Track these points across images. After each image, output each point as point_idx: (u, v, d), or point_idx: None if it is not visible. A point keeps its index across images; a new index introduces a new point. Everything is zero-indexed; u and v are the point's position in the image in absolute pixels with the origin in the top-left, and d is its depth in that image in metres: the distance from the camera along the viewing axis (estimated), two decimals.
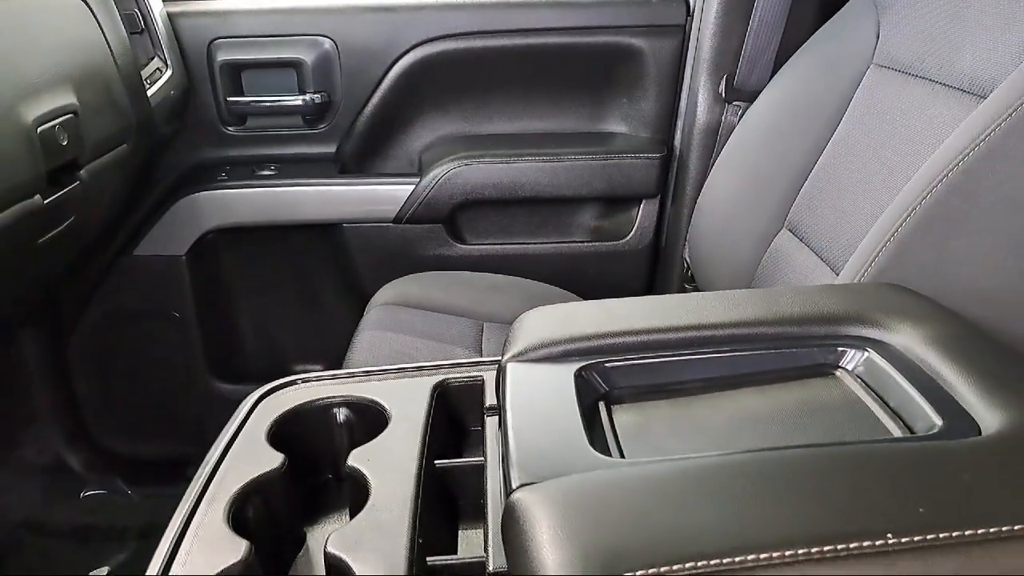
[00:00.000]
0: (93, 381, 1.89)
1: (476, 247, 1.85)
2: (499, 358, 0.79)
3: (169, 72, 1.64)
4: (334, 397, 0.86)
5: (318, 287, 1.93)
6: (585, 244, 1.84)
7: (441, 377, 0.88)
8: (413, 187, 1.80)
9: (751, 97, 1.58)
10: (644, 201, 1.84)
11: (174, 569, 0.64)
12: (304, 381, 0.89)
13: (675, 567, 0.49)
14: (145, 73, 1.55)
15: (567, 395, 0.70)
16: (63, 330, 1.83)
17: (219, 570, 0.62)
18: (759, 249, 1.35)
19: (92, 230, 1.45)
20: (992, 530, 0.50)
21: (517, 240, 1.85)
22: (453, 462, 0.78)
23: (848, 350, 0.75)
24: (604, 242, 1.84)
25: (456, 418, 0.88)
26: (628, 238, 1.82)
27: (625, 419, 0.71)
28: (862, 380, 0.72)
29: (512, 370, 0.76)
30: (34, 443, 1.83)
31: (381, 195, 1.83)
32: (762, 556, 0.49)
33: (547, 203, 1.86)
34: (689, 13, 1.77)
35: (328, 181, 1.83)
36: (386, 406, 0.83)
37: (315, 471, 0.86)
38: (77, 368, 1.86)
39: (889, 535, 0.49)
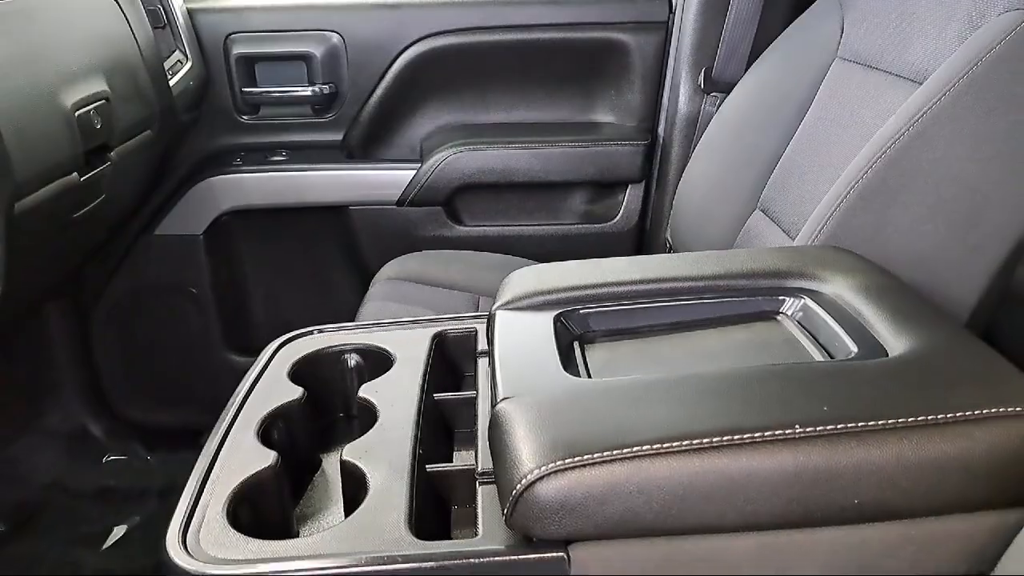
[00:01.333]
0: (114, 353, 1.94)
1: (473, 228, 1.90)
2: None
3: (189, 64, 1.72)
4: (345, 344, 0.97)
5: (325, 265, 1.98)
6: (575, 226, 1.89)
7: (439, 328, 0.99)
8: (414, 172, 1.86)
9: (727, 88, 1.64)
10: (630, 186, 1.89)
11: (213, 473, 0.75)
12: (319, 331, 1.00)
13: (625, 451, 0.60)
14: (167, 65, 1.64)
15: (546, 335, 0.82)
16: (87, 305, 1.89)
17: (251, 472, 0.74)
18: (734, 229, 1.41)
19: (119, 208, 1.54)
20: (881, 423, 0.61)
21: (511, 222, 1.90)
22: (449, 395, 0.89)
23: (788, 298, 0.86)
24: (593, 224, 1.89)
25: (452, 364, 0.99)
26: (615, 220, 1.87)
27: (595, 355, 0.83)
28: (798, 323, 0.83)
29: (500, 316, 0.87)
30: (58, 411, 1.89)
31: (385, 179, 1.88)
32: (693, 442, 0.60)
33: (539, 188, 1.90)
34: (671, 11, 1.83)
35: (335, 166, 1.89)
36: (391, 351, 0.94)
37: (329, 410, 0.96)
38: (99, 341, 1.92)
39: (797, 426, 0.61)
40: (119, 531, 1.70)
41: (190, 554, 0.64)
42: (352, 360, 0.96)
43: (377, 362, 0.93)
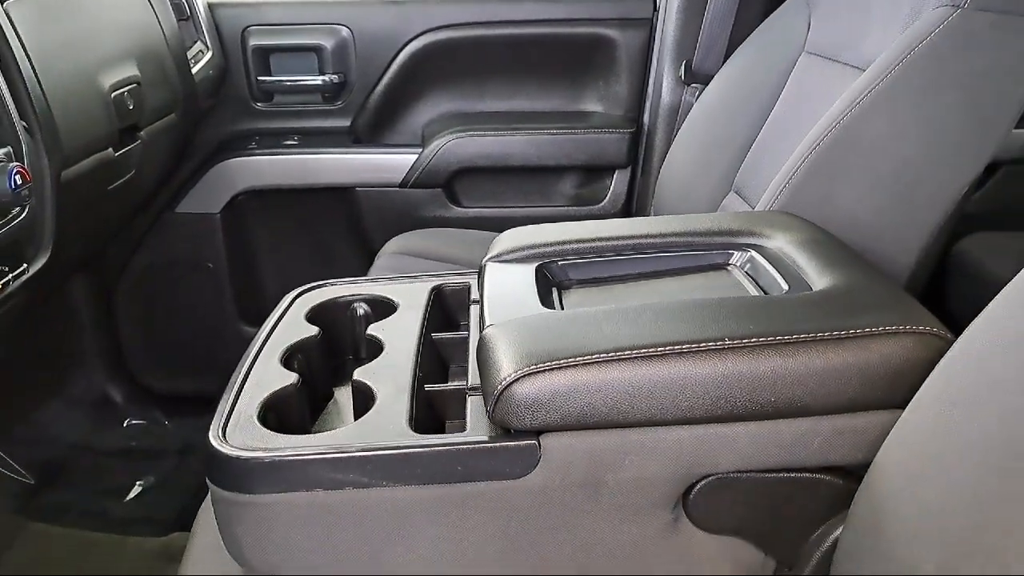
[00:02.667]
0: (135, 324, 2.01)
1: (470, 209, 1.95)
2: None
3: (209, 54, 1.82)
4: (355, 294, 1.08)
5: (333, 242, 2.04)
6: (566, 208, 1.95)
7: (438, 282, 1.11)
8: (416, 156, 1.91)
9: (706, 80, 1.71)
10: (617, 171, 1.95)
11: (244, 389, 0.87)
12: (332, 284, 1.11)
13: (585, 358, 0.73)
14: (190, 54, 1.74)
15: (528, 282, 0.94)
16: (111, 279, 1.96)
17: (276, 388, 0.87)
18: (711, 209, 1.49)
19: (146, 184, 1.64)
20: (795, 337, 0.74)
21: (506, 204, 1.96)
22: (445, 335, 1.01)
23: (737, 252, 0.99)
24: (582, 207, 1.95)
25: (449, 312, 1.10)
26: (603, 203, 1.94)
27: (570, 298, 0.96)
28: (744, 271, 0.97)
29: (490, 267, 1.00)
30: (82, 378, 1.96)
31: (389, 163, 1.94)
32: (641, 351, 0.73)
33: (533, 172, 1.96)
34: (656, 8, 1.90)
35: (343, 150, 1.95)
36: (395, 299, 1.06)
37: (341, 350, 1.07)
38: (122, 312, 1.99)
39: (726, 339, 0.74)
40: (140, 486, 1.78)
41: (228, 443, 0.77)
42: (361, 308, 1.08)
43: (382, 309, 1.05)
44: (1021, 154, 1.81)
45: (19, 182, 1.04)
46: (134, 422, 2.01)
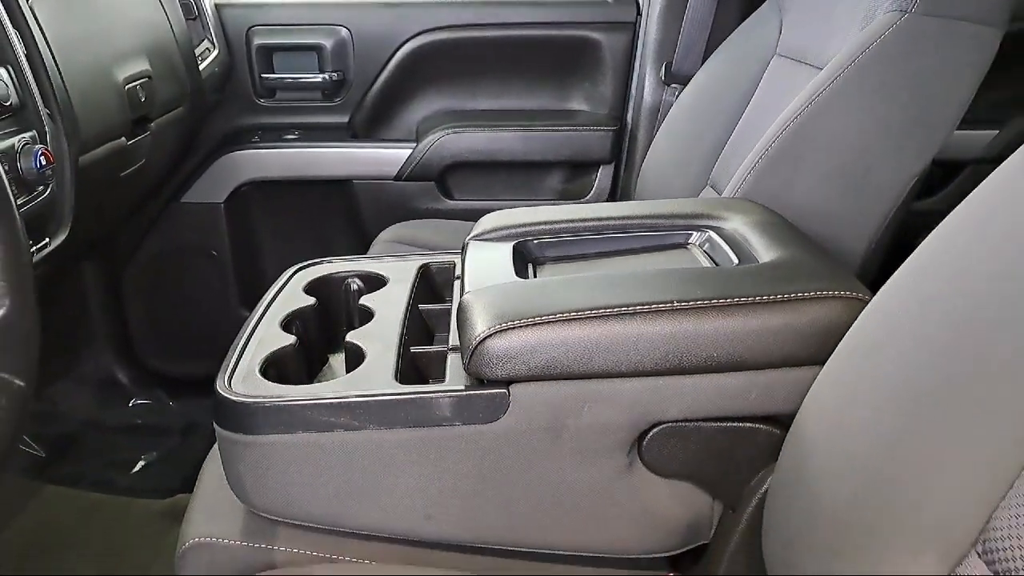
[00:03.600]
0: (142, 308, 2.07)
1: (461, 202, 2.02)
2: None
3: (216, 52, 1.90)
4: (349, 270, 1.17)
5: (331, 231, 2.10)
6: (553, 201, 2.02)
7: (425, 260, 1.20)
8: (411, 151, 1.97)
9: (685, 81, 1.77)
10: (601, 166, 2.02)
11: (247, 349, 0.97)
12: (328, 261, 1.21)
13: (549, 316, 0.82)
14: (197, 52, 1.82)
15: (506, 258, 1.04)
16: (119, 265, 2.03)
17: (276, 348, 0.96)
18: None
19: (155, 173, 1.72)
20: (735, 300, 0.83)
21: (496, 197, 2.01)
22: (431, 306, 1.10)
23: (696, 232, 1.08)
24: (568, 200, 2.01)
25: (435, 287, 1.19)
26: (588, 197, 2.00)
27: (543, 272, 1.05)
28: (703, 249, 1.06)
29: (472, 245, 1.10)
30: (91, 359, 2.04)
31: (384, 157, 2.00)
32: (598, 311, 0.82)
33: (521, 167, 2.03)
34: (639, 13, 1.97)
35: (341, 144, 2.01)
36: (385, 275, 1.15)
37: (335, 322, 1.16)
38: (129, 297, 2.06)
39: (674, 302, 0.83)
40: (145, 459, 1.87)
41: (233, 390, 0.86)
42: (355, 283, 1.17)
43: (374, 283, 1.14)
44: (985, 154, 1.89)
45: (43, 163, 1.13)
46: (139, 402, 2.09)
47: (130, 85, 1.48)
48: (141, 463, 1.87)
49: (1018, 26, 1.93)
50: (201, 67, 1.82)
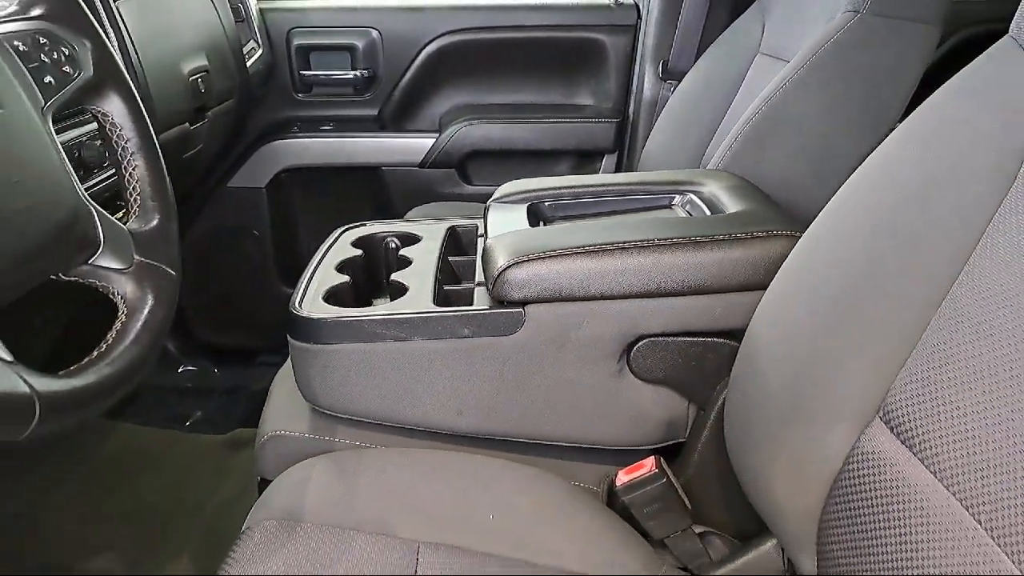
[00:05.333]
0: (190, 284, 2.14)
1: (479, 187, 2.14)
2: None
3: (260, 51, 2.07)
4: (387, 231, 1.38)
5: (362, 213, 2.05)
6: None
7: (452, 224, 1.40)
8: (434, 140, 2.11)
9: (680, 77, 1.94)
10: (605, 155, 2.16)
11: (310, 286, 1.18)
12: (369, 224, 1.42)
13: (555, 252, 1.04)
14: (245, 50, 2.00)
15: (521, 215, 1.25)
16: None
17: (334, 284, 1.17)
18: None
19: (207, 158, 1.90)
20: (703, 237, 1.04)
21: None
22: (458, 257, 1.30)
23: (679, 195, 1.29)
24: None
25: (461, 245, 1.38)
26: None
27: (553, 226, 1.27)
28: (684, 208, 1.27)
29: (492, 207, 1.31)
30: None
31: (410, 146, 2.13)
32: (595, 246, 1.03)
33: (533, 155, 2.15)
34: (639, 17, 2.11)
35: (371, 135, 2.15)
36: (419, 234, 1.35)
37: (377, 273, 1.36)
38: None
39: (655, 239, 1.04)
40: (196, 415, 2.06)
41: (303, 309, 1.08)
42: (393, 241, 1.36)
43: (409, 240, 1.34)
44: None
45: None
46: (187, 368, 2.26)
47: (192, 77, 1.67)
48: (193, 418, 2.06)
49: (971, 31, 2.14)
50: (248, 64, 1.99)
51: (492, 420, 1.08)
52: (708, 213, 1.19)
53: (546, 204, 1.31)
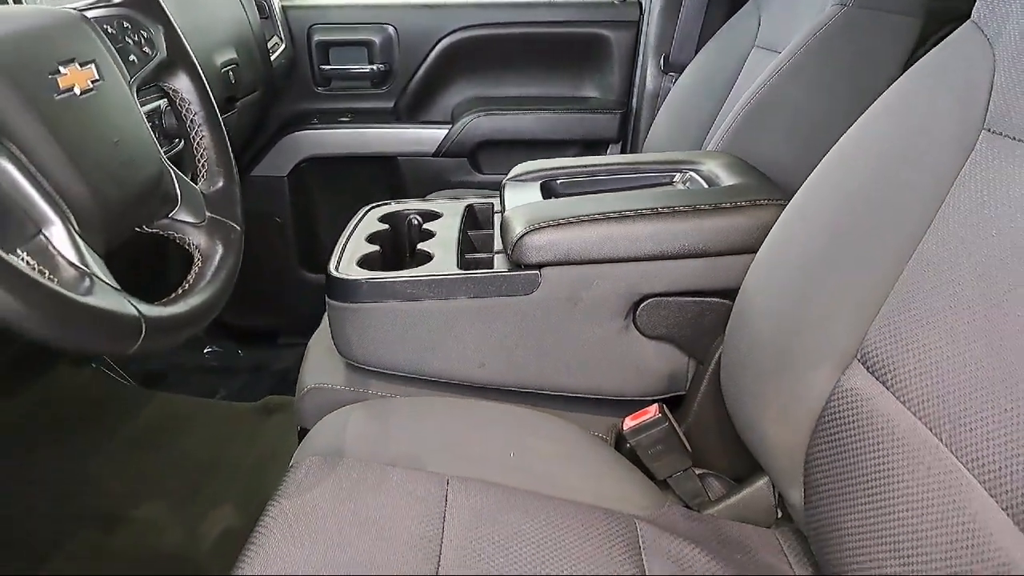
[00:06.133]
0: None
1: (490, 175, 2.23)
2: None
3: (283, 46, 2.17)
4: (410, 208, 1.49)
5: (378, 200, 2.23)
6: None
7: (470, 202, 1.51)
8: (447, 131, 2.19)
9: (680, 69, 2.03)
10: (610, 145, 2.25)
11: (344, 254, 1.29)
12: (394, 202, 1.53)
13: (566, 220, 1.15)
14: (269, 45, 2.09)
15: (535, 191, 1.36)
16: None
17: (366, 252, 1.28)
18: None
19: (235, 147, 2.01)
20: (702, 206, 1.15)
21: None
22: (477, 232, 1.41)
23: (679, 173, 1.40)
24: None
25: (478, 222, 1.49)
26: None
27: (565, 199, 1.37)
28: (684, 183, 1.38)
29: (508, 184, 1.42)
30: None
31: (424, 136, 2.21)
32: (603, 214, 1.14)
33: (541, 144, 2.21)
34: (642, 13, 2.20)
35: (387, 126, 2.22)
36: (439, 211, 1.46)
37: (402, 247, 1.46)
38: None
39: (658, 208, 1.15)
40: (221, 392, 2.15)
41: (340, 271, 1.19)
42: (415, 218, 1.47)
43: (431, 216, 1.45)
44: None
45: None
46: (211, 349, 2.35)
47: (223, 69, 1.77)
48: (219, 394, 2.14)
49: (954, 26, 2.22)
50: (272, 58, 2.08)
51: (511, 372, 1.19)
52: (705, 186, 1.29)
53: (558, 182, 1.41)
